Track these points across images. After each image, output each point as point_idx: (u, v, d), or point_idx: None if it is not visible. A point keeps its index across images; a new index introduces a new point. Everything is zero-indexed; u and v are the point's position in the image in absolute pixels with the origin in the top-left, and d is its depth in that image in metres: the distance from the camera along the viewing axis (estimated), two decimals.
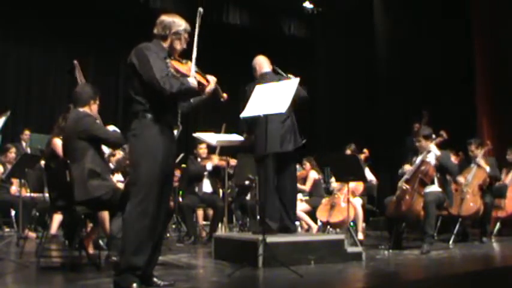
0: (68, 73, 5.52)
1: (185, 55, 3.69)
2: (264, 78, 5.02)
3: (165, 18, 3.61)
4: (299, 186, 7.64)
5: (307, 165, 7.73)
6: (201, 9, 3.70)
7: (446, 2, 9.86)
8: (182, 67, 3.60)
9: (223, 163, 7.03)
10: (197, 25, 3.67)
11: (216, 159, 7.08)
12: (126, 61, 3.52)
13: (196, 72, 3.64)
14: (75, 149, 4.25)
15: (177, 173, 7.01)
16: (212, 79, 3.75)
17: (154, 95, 3.40)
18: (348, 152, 7.20)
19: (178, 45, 3.62)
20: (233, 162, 7.22)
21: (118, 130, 4.77)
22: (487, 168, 6.77)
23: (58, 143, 4.92)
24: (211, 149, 7.27)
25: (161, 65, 3.40)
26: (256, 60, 5.30)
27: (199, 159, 7.20)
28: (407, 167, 5.99)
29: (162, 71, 3.36)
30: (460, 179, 6.65)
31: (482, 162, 6.80)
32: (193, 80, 3.52)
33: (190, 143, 7.57)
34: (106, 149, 5.18)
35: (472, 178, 6.73)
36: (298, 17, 12.46)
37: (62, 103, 8.92)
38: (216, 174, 7.23)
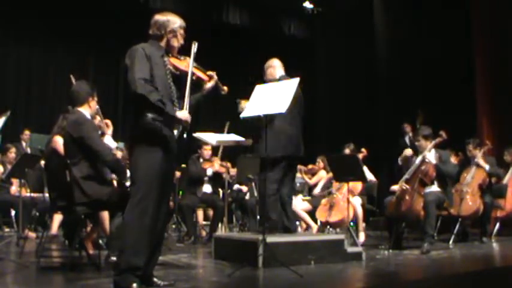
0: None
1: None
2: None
3: (159, 17, 3.61)
4: (305, 178, 7.68)
5: (321, 163, 7.75)
6: (196, 43, 3.67)
7: (446, 2, 9.86)
8: (180, 64, 3.61)
9: (224, 170, 7.03)
10: (192, 57, 3.65)
11: (217, 165, 7.07)
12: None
13: (195, 67, 3.64)
14: (73, 151, 4.24)
15: (177, 173, 7.00)
16: (213, 75, 3.76)
17: None
18: (347, 151, 7.18)
19: (176, 43, 3.63)
20: (233, 171, 7.23)
21: (115, 145, 4.72)
22: (487, 167, 6.76)
23: (59, 141, 4.91)
24: (214, 151, 7.28)
25: (144, 68, 3.38)
26: (275, 62, 5.25)
27: (201, 160, 7.19)
28: (408, 151, 5.99)
29: (143, 73, 3.35)
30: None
31: (481, 161, 6.79)
32: (185, 114, 3.45)
33: (191, 144, 7.55)
34: (112, 144, 5.17)
35: (472, 178, 6.72)
36: (298, 17, 12.47)
37: (62, 103, 8.90)
38: (216, 180, 7.22)
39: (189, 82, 3.57)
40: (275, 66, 5.22)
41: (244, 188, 7.93)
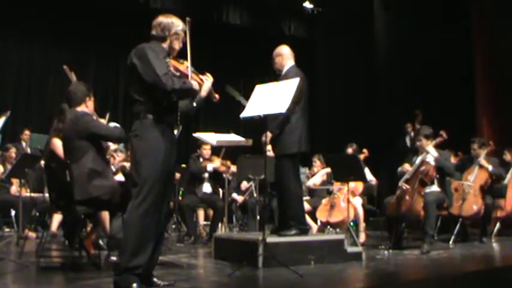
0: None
1: (179, 56, 3.72)
2: (291, 73, 4.88)
3: (163, 19, 3.61)
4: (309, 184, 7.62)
5: (318, 162, 7.71)
6: (188, 19, 3.68)
7: (447, 2, 9.87)
8: (180, 66, 3.65)
9: (224, 168, 7.01)
10: (187, 34, 3.67)
11: (217, 162, 7.07)
12: (126, 62, 3.53)
13: (192, 72, 3.67)
14: (75, 148, 4.25)
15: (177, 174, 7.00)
16: (207, 78, 3.77)
17: (155, 95, 3.43)
18: (350, 150, 7.17)
19: (177, 45, 3.65)
20: (233, 168, 7.23)
21: (118, 125, 4.78)
22: (490, 167, 6.73)
23: (57, 143, 4.92)
24: (215, 152, 7.27)
25: (162, 64, 3.43)
26: (284, 50, 5.05)
27: (201, 160, 7.19)
28: (406, 166, 5.99)
29: (163, 69, 3.40)
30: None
31: (484, 162, 6.76)
32: (195, 83, 3.57)
33: (191, 144, 7.56)
34: (111, 144, 5.18)
35: (474, 179, 6.69)
36: (298, 17, 12.46)
37: (62, 103, 8.92)
38: (216, 178, 7.22)
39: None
40: (283, 55, 5.01)
41: (240, 198, 7.91)
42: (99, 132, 4.30)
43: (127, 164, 5.98)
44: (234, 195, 7.96)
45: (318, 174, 7.44)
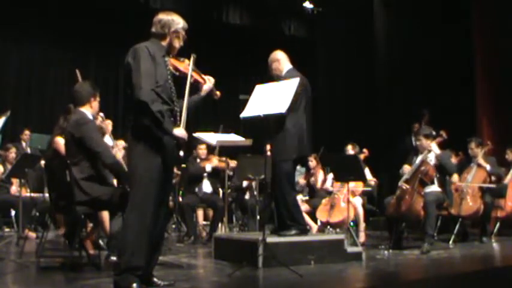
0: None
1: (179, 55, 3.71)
2: (291, 75, 4.81)
3: (164, 16, 3.60)
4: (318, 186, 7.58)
5: (314, 161, 7.68)
6: (194, 55, 3.67)
7: (447, 2, 9.87)
8: (180, 65, 3.64)
9: (223, 165, 7.01)
10: (190, 68, 3.65)
11: (215, 161, 7.07)
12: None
13: (193, 70, 3.66)
14: (74, 151, 4.25)
15: (177, 171, 7.00)
16: (209, 79, 3.76)
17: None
18: (350, 149, 7.15)
19: (177, 44, 3.63)
20: (233, 163, 7.22)
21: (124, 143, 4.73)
22: (487, 167, 6.74)
23: (61, 142, 4.92)
24: (210, 150, 7.27)
25: (151, 72, 3.36)
26: (279, 55, 5.03)
27: (198, 160, 7.19)
28: (407, 168, 5.99)
29: (151, 79, 3.34)
30: (455, 178, 6.55)
31: (482, 161, 6.78)
32: (181, 131, 3.45)
33: (191, 144, 7.54)
34: (110, 141, 5.17)
35: (472, 178, 6.70)
36: (298, 17, 12.46)
37: (62, 103, 8.92)
38: (216, 176, 7.22)
39: (188, 86, 3.58)
40: (280, 59, 5.00)
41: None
42: (92, 148, 4.22)
43: None
44: (245, 182, 7.90)
45: (328, 180, 7.42)
